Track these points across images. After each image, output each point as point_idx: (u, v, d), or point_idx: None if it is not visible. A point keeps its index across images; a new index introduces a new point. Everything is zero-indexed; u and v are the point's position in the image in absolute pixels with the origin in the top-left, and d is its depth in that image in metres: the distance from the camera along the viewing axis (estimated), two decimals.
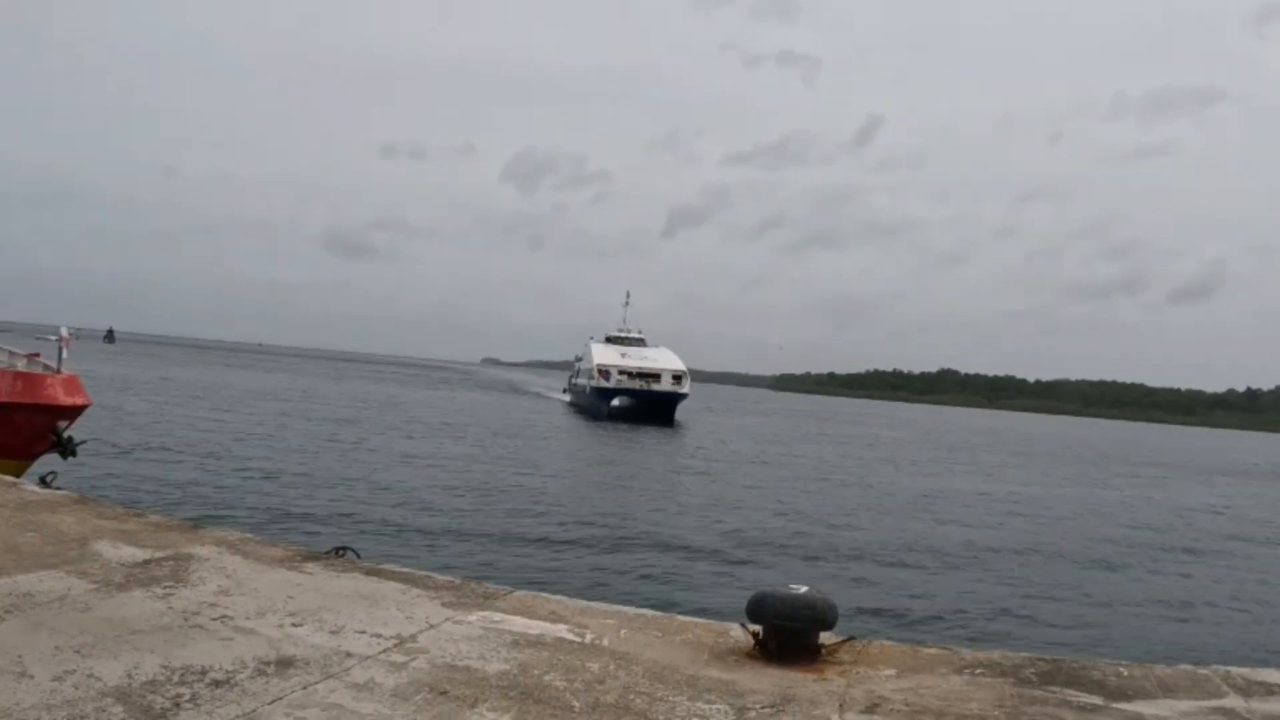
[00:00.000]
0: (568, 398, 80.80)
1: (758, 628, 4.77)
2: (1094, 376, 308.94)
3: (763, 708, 3.91)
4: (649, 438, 44.55)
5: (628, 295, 75.44)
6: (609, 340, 68.04)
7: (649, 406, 58.68)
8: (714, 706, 3.89)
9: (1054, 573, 18.03)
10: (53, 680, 3.65)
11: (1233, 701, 4.30)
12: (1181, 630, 14.18)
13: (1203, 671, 4.76)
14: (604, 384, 59.50)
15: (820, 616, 4.57)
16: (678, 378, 60.63)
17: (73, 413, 12.76)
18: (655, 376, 60.22)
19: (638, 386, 59.54)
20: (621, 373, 59.78)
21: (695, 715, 3.78)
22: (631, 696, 3.94)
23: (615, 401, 59.93)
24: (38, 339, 14.30)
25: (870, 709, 3.98)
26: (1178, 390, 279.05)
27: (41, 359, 12.80)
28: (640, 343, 67.54)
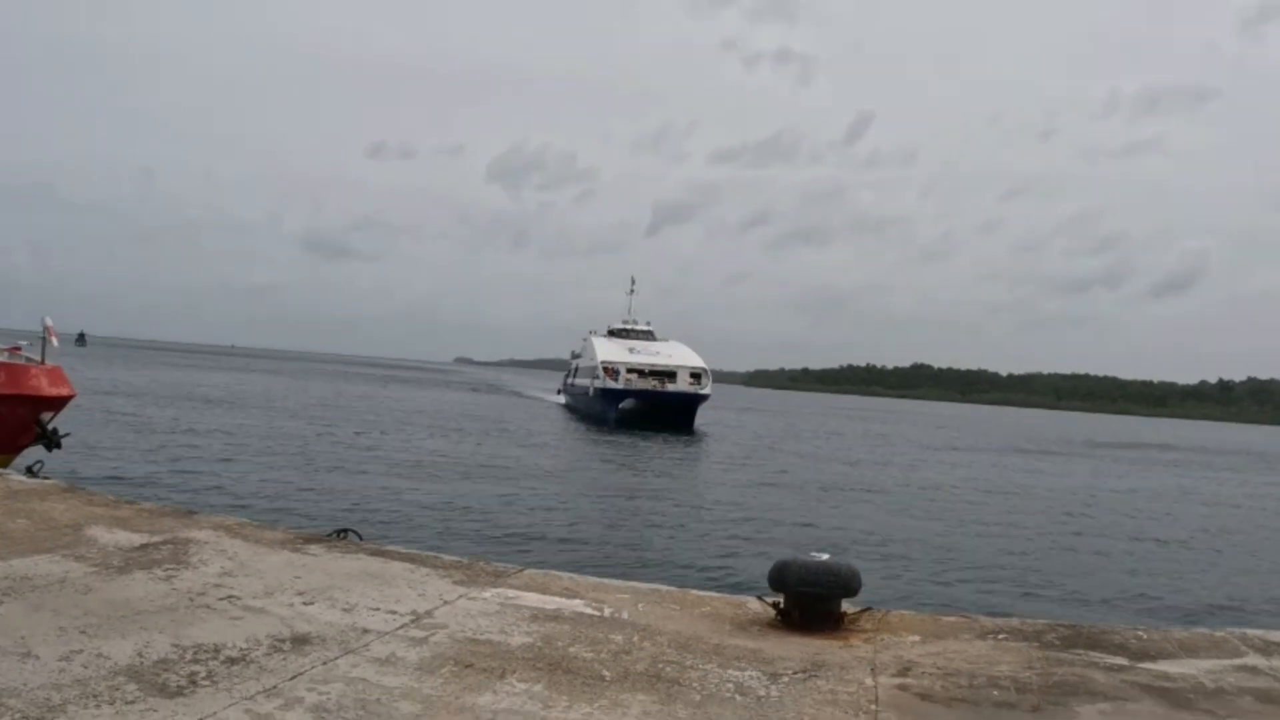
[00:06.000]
0: (562, 399, 71.62)
1: (778, 598, 4.70)
2: (1069, 370, 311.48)
3: (795, 673, 3.84)
4: (665, 445, 39.27)
5: (633, 282, 65.49)
6: (612, 334, 58.94)
7: (663, 410, 49.73)
8: (746, 673, 3.82)
9: (1042, 550, 18.30)
10: (60, 660, 3.51)
11: (1255, 660, 4.31)
12: (1182, 599, 14.38)
13: (1219, 634, 4.78)
14: (610, 384, 50.66)
15: (844, 583, 4.50)
16: (696, 376, 52.13)
17: (57, 404, 12.49)
18: (670, 375, 51.65)
19: (649, 387, 50.84)
20: (630, 371, 51.23)
21: (729, 681, 3.71)
22: (661, 665, 3.86)
23: (623, 404, 51.01)
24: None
25: (903, 672, 3.92)
26: (1150, 382, 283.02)
27: (23, 352, 12.54)
28: (649, 336, 58.52)
